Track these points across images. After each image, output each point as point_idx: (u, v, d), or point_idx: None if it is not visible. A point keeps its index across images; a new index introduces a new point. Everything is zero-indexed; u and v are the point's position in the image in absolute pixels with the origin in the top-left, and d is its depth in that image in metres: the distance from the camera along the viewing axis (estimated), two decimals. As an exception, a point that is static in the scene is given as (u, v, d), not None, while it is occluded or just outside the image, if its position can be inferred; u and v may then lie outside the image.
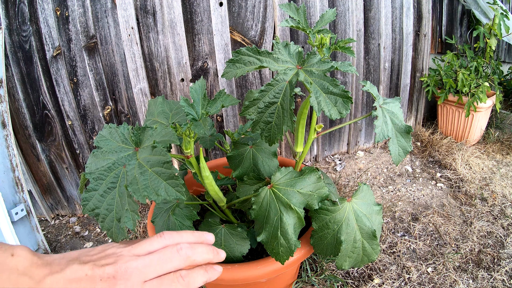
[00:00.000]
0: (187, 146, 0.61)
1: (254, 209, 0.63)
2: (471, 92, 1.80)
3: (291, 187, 0.62)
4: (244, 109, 0.58)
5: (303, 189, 0.61)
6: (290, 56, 0.59)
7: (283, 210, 0.60)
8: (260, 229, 0.62)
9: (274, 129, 0.58)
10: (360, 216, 0.65)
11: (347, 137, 1.92)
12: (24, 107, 1.34)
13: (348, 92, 0.53)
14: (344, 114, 0.53)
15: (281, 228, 0.60)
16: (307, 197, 0.61)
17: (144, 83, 1.38)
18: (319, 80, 0.55)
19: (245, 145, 0.78)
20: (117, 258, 0.35)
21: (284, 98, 0.56)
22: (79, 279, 0.33)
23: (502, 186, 1.56)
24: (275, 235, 0.60)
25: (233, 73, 0.60)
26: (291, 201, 0.60)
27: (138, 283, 0.34)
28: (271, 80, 0.56)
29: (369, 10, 1.68)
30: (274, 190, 0.62)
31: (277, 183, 0.64)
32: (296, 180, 0.63)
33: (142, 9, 1.28)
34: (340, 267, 0.66)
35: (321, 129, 0.72)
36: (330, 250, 0.66)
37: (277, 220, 0.60)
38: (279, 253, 0.61)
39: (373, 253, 0.66)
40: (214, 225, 0.74)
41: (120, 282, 0.33)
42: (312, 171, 0.64)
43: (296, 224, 0.60)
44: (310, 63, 0.57)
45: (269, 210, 0.62)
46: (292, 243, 0.59)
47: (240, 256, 0.71)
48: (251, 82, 1.53)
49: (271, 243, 0.61)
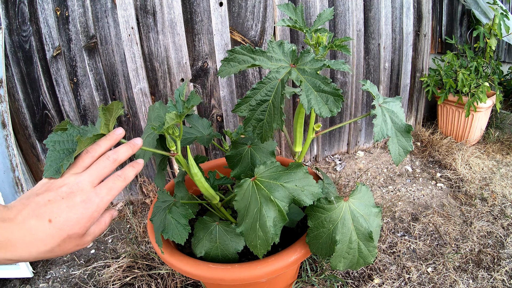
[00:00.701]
0: (171, 144, 0.62)
1: (237, 201, 0.63)
2: (471, 92, 1.80)
3: (275, 180, 0.61)
4: (236, 106, 0.58)
5: (288, 183, 0.61)
6: (284, 54, 0.59)
7: (263, 202, 0.59)
8: (241, 220, 0.62)
9: (265, 127, 0.58)
10: (357, 216, 0.64)
11: (347, 137, 1.92)
12: (24, 107, 1.34)
13: (340, 90, 0.53)
14: (335, 113, 0.53)
15: (260, 220, 0.59)
16: (292, 192, 0.60)
17: (144, 83, 1.38)
18: (311, 78, 0.55)
19: (244, 144, 0.78)
20: (63, 180, 0.43)
21: (275, 96, 0.56)
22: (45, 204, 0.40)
23: (502, 186, 1.56)
24: (253, 227, 0.60)
25: (227, 71, 0.60)
26: (273, 194, 0.59)
27: (90, 189, 0.44)
28: (263, 78, 0.57)
29: (369, 10, 1.68)
30: (257, 182, 0.62)
31: (260, 175, 0.63)
32: (280, 174, 0.62)
33: (142, 9, 1.28)
34: (334, 268, 0.65)
35: (320, 129, 0.72)
36: (325, 250, 0.65)
37: (256, 212, 0.60)
38: (256, 246, 0.60)
39: (369, 256, 0.65)
40: (209, 222, 0.74)
41: (77, 193, 0.42)
42: (298, 166, 0.63)
43: (277, 217, 0.59)
44: (303, 61, 0.57)
45: (250, 202, 0.61)
46: (270, 236, 0.58)
47: (235, 252, 0.71)
48: (251, 82, 1.53)
49: (250, 235, 0.61)
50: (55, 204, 0.41)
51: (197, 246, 0.72)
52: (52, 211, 0.40)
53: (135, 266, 1.16)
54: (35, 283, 1.18)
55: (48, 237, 0.39)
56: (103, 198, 0.44)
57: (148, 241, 1.31)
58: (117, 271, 1.14)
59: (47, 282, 1.19)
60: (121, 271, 1.15)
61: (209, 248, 0.71)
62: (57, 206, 0.41)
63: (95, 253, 1.31)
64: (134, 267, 1.16)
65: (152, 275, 1.14)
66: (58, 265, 1.26)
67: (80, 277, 1.19)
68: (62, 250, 0.41)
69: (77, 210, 0.41)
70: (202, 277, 0.67)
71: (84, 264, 1.25)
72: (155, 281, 1.11)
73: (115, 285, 1.11)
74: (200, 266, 0.68)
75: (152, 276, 1.14)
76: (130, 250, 1.24)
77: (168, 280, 1.10)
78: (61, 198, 0.41)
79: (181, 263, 0.69)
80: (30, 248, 0.39)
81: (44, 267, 1.25)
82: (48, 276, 1.21)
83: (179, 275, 1.11)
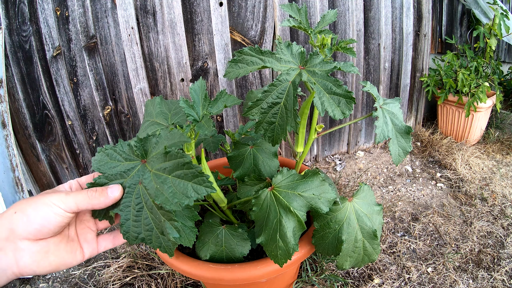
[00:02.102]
0: (188, 148, 0.60)
1: (254, 211, 0.63)
2: (471, 92, 1.80)
3: (292, 190, 0.61)
4: (247, 109, 0.57)
5: (306, 192, 0.61)
6: (292, 56, 0.59)
7: (282, 213, 0.59)
8: (260, 231, 0.62)
9: (277, 130, 0.57)
10: (361, 216, 0.65)
11: (347, 137, 1.92)
12: (24, 107, 1.34)
13: (351, 92, 0.53)
14: (347, 115, 0.53)
15: (280, 231, 0.59)
16: (309, 200, 0.60)
17: (144, 83, 1.38)
18: (322, 81, 0.54)
19: (246, 145, 0.78)
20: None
21: (287, 99, 0.55)
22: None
23: (502, 186, 1.56)
24: (273, 238, 0.60)
25: (236, 73, 0.59)
26: (291, 205, 0.59)
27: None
28: (274, 81, 0.56)
29: (369, 10, 1.68)
30: (275, 193, 0.62)
31: (278, 185, 0.63)
32: (298, 183, 0.62)
33: (142, 9, 1.28)
34: (341, 267, 0.66)
35: (321, 129, 0.72)
36: (331, 250, 0.66)
37: (276, 223, 0.60)
38: (277, 256, 0.60)
39: (373, 253, 0.66)
40: (215, 225, 0.74)
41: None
42: (315, 174, 0.63)
43: (296, 227, 0.60)
44: (312, 63, 0.57)
45: (269, 212, 0.61)
46: (291, 246, 0.59)
47: (241, 256, 0.71)
48: (251, 82, 1.52)
49: (270, 246, 0.61)
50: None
51: (202, 249, 0.72)
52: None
53: (135, 266, 1.16)
54: (35, 283, 1.18)
55: None
56: None
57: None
58: (117, 271, 1.14)
59: (47, 282, 1.19)
60: (121, 271, 1.15)
61: (215, 252, 0.71)
62: None
63: (95, 253, 1.31)
64: (134, 267, 1.16)
65: (152, 275, 1.14)
66: (58, 265, 1.26)
67: (80, 277, 1.19)
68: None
69: None
70: (202, 277, 0.67)
71: (84, 264, 1.25)
72: (155, 281, 1.11)
73: (115, 285, 1.11)
74: (200, 266, 0.68)
75: (152, 276, 1.14)
76: (130, 250, 1.24)
77: (168, 280, 1.10)
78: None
79: (181, 263, 0.69)
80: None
81: (44, 267, 1.25)
82: (48, 276, 1.21)
83: (179, 275, 1.11)
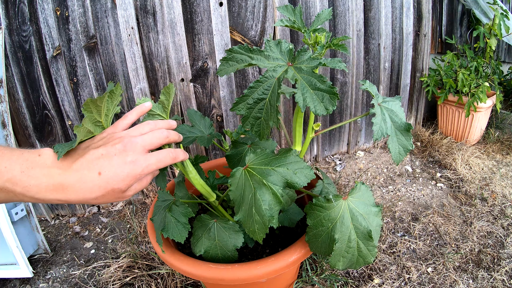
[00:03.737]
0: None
1: (231, 191, 0.63)
2: (471, 92, 1.80)
3: (266, 166, 0.62)
4: (234, 105, 0.59)
5: (279, 167, 0.61)
6: (281, 53, 0.60)
7: (257, 187, 0.60)
8: (238, 208, 0.63)
9: (263, 125, 0.59)
10: (356, 215, 0.64)
11: (347, 137, 1.92)
12: (24, 107, 1.34)
13: (335, 88, 0.53)
14: (330, 111, 0.53)
15: (255, 206, 0.59)
16: (284, 175, 0.60)
17: (144, 83, 1.38)
18: (307, 77, 0.55)
19: (244, 144, 0.78)
20: (120, 138, 0.47)
21: (272, 95, 0.56)
22: (98, 158, 0.45)
23: (502, 186, 1.56)
24: (250, 213, 0.60)
25: (226, 70, 0.61)
26: (265, 178, 0.60)
27: (141, 152, 0.47)
28: (260, 77, 0.57)
29: (369, 10, 1.68)
30: (249, 170, 0.62)
31: (252, 163, 0.64)
32: (271, 159, 0.63)
33: (142, 9, 1.28)
34: (333, 267, 0.65)
35: (319, 128, 0.72)
36: (324, 248, 0.65)
37: (251, 198, 0.60)
38: (255, 231, 0.60)
39: (369, 255, 0.64)
40: (207, 220, 0.74)
41: (129, 152, 0.46)
42: (288, 150, 0.64)
43: (272, 201, 0.59)
44: (300, 60, 0.58)
45: (244, 189, 0.62)
46: (266, 218, 0.59)
47: (234, 249, 0.71)
48: (251, 82, 1.52)
49: (248, 222, 0.61)
50: (107, 160, 0.45)
51: (196, 245, 0.72)
52: (103, 165, 0.44)
53: (135, 266, 1.16)
54: (35, 283, 1.18)
55: (95, 187, 0.44)
56: (150, 165, 0.47)
57: (148, 241, 1.31)
58: (117, 271, 1.14)
59: (47, 282, 1.19)
60: (121, 271, 1.15)
61: (208, 246, 0.71)
62: (108, 161, 0.45)
63: (95, 253, 1.31)
64: (134, 267, 1.16)
65: (152, 275, 1.14)
66: (58, 265, 1.26)
67: (80, 277, 1.19)
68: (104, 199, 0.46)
69: (124, 169, 0.45)
70: (202, 277, 0.67)
71: (84, 264, 1.25)
72: (155, 281, 1.11)
73: (115, 285, 1.11)
74: (200, 266, 0.68)
75: (152, 276, 1.14)
76: (130, 250, 1.24)
77: (168, 280, 1.10)
78: (113, 155, 0.45)
79: (181, 263, 0.69)
80: (78, 194, 0.44)
81: (44, 267, 1.25)
82: (48, 276, 1.21)
83: (179, 275, 1.11)
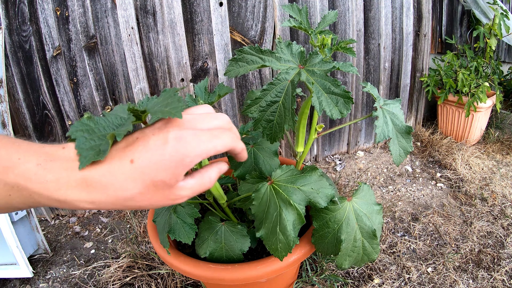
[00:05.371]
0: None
1: (254, 205, 0.63)
2: (471, 92, 1.80)
3: (292, 184, 0.62)
4: (246, 107, 0.58)
5: (304, 186, 0.61)
6: (292, 55, 0.60)
7: (282, 206, 0.60)
8: (260, 225, 0.63)
9: (275, 128, 0.58)
10: (360, 215, 0.65)
11: (347, 137, 1.92)
12: (24, 107, 1.34)
13: (350, 92, 0.54)
14: (345, 114, 0.54)
15: (280, 224, 0.60)
16: (308, 194, 0.61)
17: (144, 83, 1.38)
18: (321, 80, 0.55)
19: (246, 144, 0.79)
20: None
21: (286, 97, 0.56)
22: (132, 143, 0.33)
23: (502, 186, 1.56)
24: (274, 231, 0.60)
25: (236, 72, 0.60)
26: (291, 198, 0.60)
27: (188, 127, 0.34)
28: (273, 79, 0.57)
29: (369, 10, 1.68)
30: (274, 186, 0.63)
31: (277, 179, 0.64)
32: (296, 178, 0.63)
33: (142, 9, 1.28)
34: (340, 266, 0.66)
35: (321, 129, 0.72)
36: (330, 249, 0.66)
37: (276, 216, 0.60)
38: (277, 249, 0.61)
39: (373, 253, 0.66)
40: (215, 223, 0.74)
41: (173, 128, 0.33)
42: (313, 169, 0.64)
43: (296, 220, 0.60)
44: (312, 63, 0.58)
45: (268, 206, 0.62)
46: (291, 239, 0.59)
47: (240, 253, 0.71)
48: (251, 82, 1.52)
49: (270, 239, 0.61)
50: (142, 142, 0.32)
51: (201, 247, 0.72)
52: (137, 149, 0.32)
53: (135, 266, 1.16)
54: (35, 283, 1.18)
55: (127, 181, 0.31)
56: (201, 143, 0.33)
57: (148, 241, 1.31)
58: (117, 271, 1.14)
59: (47, 282, 1.19)
60: (121, 271, 1.15)
61: (214, 249, 0.71)
62: (144, 143, 0.32)
63: (95, 253, 1.31)
64: (134, 267, 1.16)
65: (152, 275, 1.14)
66: (58, 265, 1.26)
67: (80, 277, 1.19)
68: (146, 200, 0.33)
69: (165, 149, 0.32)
70: (202, 277, 0.67)
71: (84, 264, 1.25)
72: (155, 281, 1.11)
73: (115, 285, 1.11)
74: (200, 266, 0.68)
75: (152, 276, 1.14)
76: (130, 250, 1.24)
77: (168, 280, 1.10)
78: (151, 135, 0.33)
79: (181, 263, 0.69)
80: (107, 192, 0.32)
81: (44, 267, 1.25)
82: (48, 276, 1.21)
83: (179, 275, 1.11)
